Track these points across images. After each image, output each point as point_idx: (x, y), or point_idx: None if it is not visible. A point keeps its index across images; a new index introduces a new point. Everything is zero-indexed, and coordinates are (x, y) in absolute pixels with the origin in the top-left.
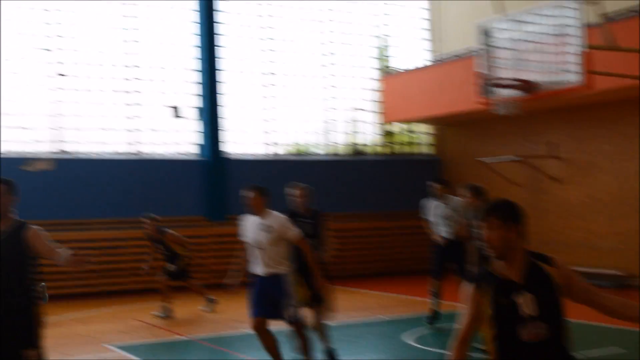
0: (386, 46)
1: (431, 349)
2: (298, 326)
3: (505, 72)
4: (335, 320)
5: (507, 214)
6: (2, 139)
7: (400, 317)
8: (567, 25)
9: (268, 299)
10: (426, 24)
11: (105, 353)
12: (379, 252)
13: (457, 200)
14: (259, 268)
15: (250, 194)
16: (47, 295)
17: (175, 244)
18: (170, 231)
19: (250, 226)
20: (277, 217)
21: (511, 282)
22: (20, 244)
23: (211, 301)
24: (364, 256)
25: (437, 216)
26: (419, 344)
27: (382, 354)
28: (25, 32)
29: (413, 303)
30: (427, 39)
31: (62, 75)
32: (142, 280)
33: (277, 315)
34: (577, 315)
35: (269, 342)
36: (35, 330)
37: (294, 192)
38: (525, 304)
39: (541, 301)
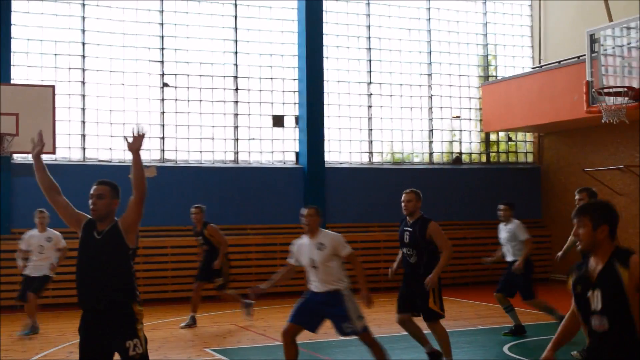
0: (488, 54)
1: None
2: (366, 337)
3: (613, 80)
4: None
5: (597, 214)
6: (111, 148)
7: (498, 327)
8: None
9: (311, 311)
10: (529, 31)
11: (205, 357)
12: (475, 262)
13: (515, 223)
14: (314, 286)
15: (308, 213)
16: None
17: (215, 240)
18: (213, 225)
19: (304, 247)
20: (329, 235)
21: (589, 277)
22: (118, 242)
23: (249, 305)
24: (462, 265)
25: (501, 239)
26: (514, 353)
27: None
28: (132, 44)
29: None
30: (530, 46)
31: (167, 85)
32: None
33: (312, 328)
34: None
35: (292, 353)
36: (134, 324)
37: None
38: (593, 298)
39: (606, 297)
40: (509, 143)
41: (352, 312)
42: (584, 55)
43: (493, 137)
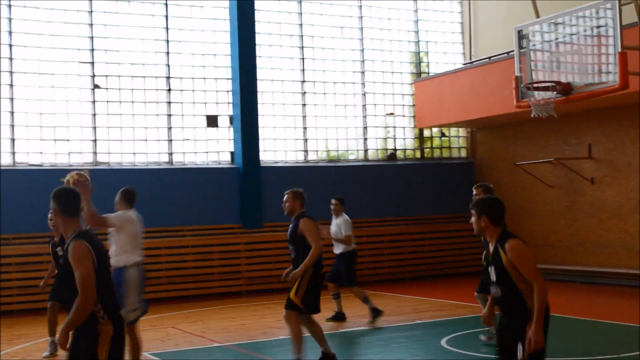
0: (420, 51)
1: (466, 352)
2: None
3: (541, 75)
4: (370, 324)
5: (478, 207)
6: (41, 152)
7: (436, 320)
8: (603, 26)
9: None
10: (459, 27)
11: None
12: (413, 257)
13: (343, 217)
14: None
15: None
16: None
17: None
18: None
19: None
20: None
21: (488, 256)
22: None
23: None
24: (398, 261)
25: (332, 232)
26: (452, 346)
27: (417, 356)
28: (61, 46)
29: (448, 306)
30: (461, 42)
31: (98, 87)
32: (178, 289)
33: None
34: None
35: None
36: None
37: None
38: (491, 272)
39: (497, 272)
40: (443, 139)
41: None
42: (514, 51)
43: (427, 133)
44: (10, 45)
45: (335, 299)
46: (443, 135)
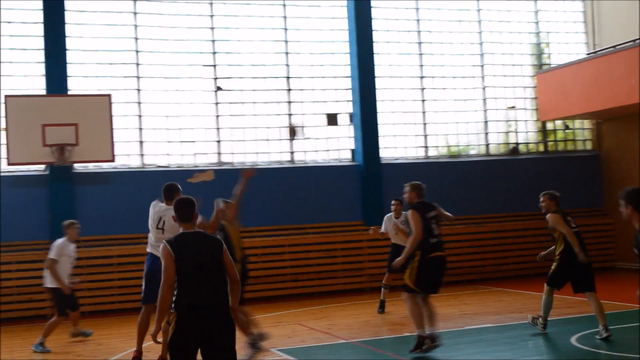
0: (541, 42)
1: (596, 350)
2: None
3: None
4: (497, 322)
5: (625, 197)
6: (168, 154)
7: (566, 317)
8: None
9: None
10: (582, 17)
11: (272, 357)
12: (538, 253)
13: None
14: None
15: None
16: None
17: None
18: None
19: None
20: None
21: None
22: None
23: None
24: (523, 257)
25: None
26: (583, 344)
27: (546, 355)
28: (185, 50)
29: (578, 303)
30: (584, 32)
31: (221, 89)
32: (302, 285)
33: None
34: None
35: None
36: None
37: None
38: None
39: None
40: (567, 131)
41: None
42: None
43: (550, 125)
44: (137, 52)
45: (385, 288)
46: (567, 127)
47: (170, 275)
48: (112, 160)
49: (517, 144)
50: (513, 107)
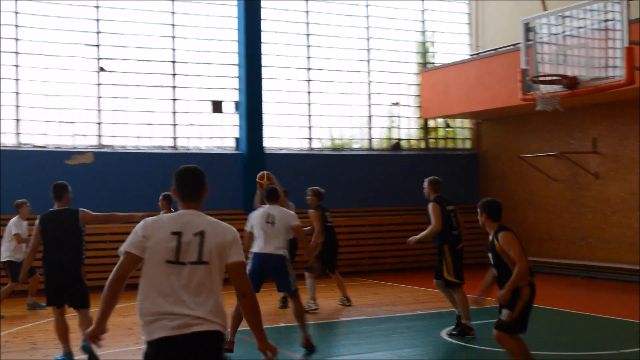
0: (427, 41)
1: (465, 344)
2: None
3: (548, 68)
4: (371, 314)
5: (481, 207)
6: (46, 134)
7: (437, 312)
8: (611, 21)
9: None
10: (466, 19)
11: None
12: (414, 247)
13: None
14: None
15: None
16: None
17: None
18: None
19: None
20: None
21: (488, 245)
22: None
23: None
24: (399, 251)
25: None
26: (454, 338)
27: (417, 347)
28: (67, 28)
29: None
30: (468, 33)
31: (103, 70)
32: None
33: None
34: None
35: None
36: None
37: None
38: (489, 257)
39: (493, 257)
40: (447, 129)
41: None
42: (520, 43)
43: (432, 123)
44: (17, 26)
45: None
46: (448, 126)
47: None
48: None
49: (400, 139)
50: (397, 104)
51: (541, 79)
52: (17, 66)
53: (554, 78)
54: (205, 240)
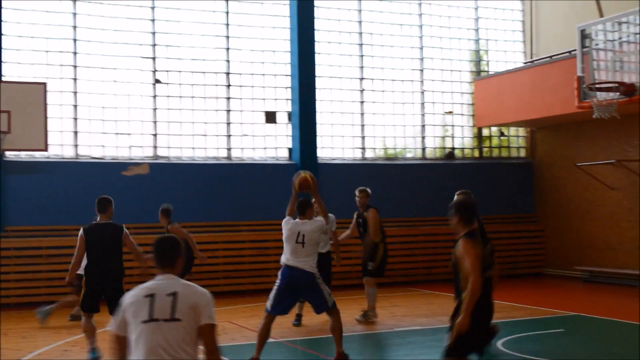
0: (480, 49)
1: (523, 355)
2: None
3: (604, 75)
4: (421, 324)
5: (452, 209)
6: (103, 145)
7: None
8: None
9: None
10: (520, 26)
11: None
12: None
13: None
14: None
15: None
16: None
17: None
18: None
19: None
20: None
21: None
22: None
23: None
24: (451, 261)
25: None
26: (509, 349)
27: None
28: (124, 41)
29: (504, 308)
30: (522, 41)
31: (159, 82)
32: (234, 282)
33: None
34: None
35: None
36: None
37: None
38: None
39: (453, 264)
40: (501, 138)
41: None
42: (576, 50)
43: (485, 132)
44: (75, 40)
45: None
46: (502, 134)
47: None
48: (45, 150)
49: (453, 148)
50: (450, 112)
51: (597, 86)
52: (75, 79)
53: (611, 85)
54: (178, 300)
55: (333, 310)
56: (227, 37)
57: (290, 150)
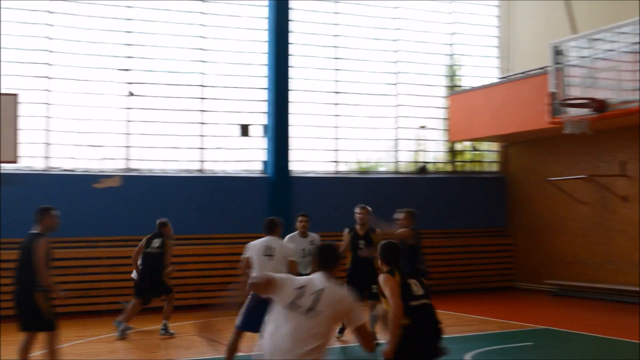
0: (455, 64)
1: None
2: None
3: (577, 91)
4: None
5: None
6: (74, 157)
7: (462, 335)
8: None
9: None
10: (495, 42)
11: None
12: (440, 270)
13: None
14: None
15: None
16: None
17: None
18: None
19: None
20: None
21: None
22: None
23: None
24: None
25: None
26: None
27: None
28: (97, 52)
29: (475, 321)
30: (496, 57)
31: (132, 94)
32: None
33: None
34: None
35: None
36: None
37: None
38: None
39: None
40: (475, 153)
41: None
42: (549, 66)
43: (459, 146)
44: (49, 51)
45: None
46: (475, 149)
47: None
48: (15, 162)
49: (426, 163)
50: (424, 127)
51: (570, 102)
52: (47, 90)
53: (583, 101)
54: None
55: None
56: (202, 49)
57: (264, 163)
